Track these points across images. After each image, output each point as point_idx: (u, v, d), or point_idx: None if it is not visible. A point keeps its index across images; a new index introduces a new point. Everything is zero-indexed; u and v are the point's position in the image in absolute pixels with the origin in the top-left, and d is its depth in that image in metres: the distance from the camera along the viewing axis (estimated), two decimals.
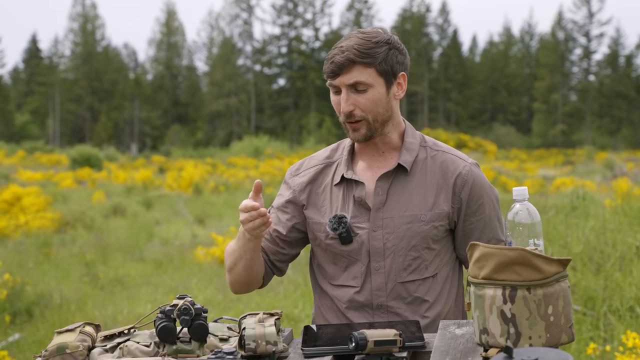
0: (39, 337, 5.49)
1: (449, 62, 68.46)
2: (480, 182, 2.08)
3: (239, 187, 21.04)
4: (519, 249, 1.44)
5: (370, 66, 1.97)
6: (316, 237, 2.11)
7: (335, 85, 2.00)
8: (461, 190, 2.05)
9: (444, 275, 2.10)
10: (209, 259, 8.78)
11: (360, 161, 2.12)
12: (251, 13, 71.50)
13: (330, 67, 1.98)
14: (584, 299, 5.17)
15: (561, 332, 1.45)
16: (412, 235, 2.02)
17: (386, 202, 2.04)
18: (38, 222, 11.55)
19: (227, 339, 1.73)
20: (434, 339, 1.66)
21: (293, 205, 2.14)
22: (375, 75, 1.98)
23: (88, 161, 30.69)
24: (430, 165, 2.07)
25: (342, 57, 1.95)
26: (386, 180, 2.05)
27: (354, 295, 2.05)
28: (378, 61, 1.97)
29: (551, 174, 25.58)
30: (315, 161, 2.19)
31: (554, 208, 8.16)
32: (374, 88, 1.98)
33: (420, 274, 2.04)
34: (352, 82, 1.97)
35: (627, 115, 63.35)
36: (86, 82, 67.82)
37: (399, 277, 2.03)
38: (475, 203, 2.07)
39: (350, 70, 1.96)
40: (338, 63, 1.96)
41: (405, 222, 2.02)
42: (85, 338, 1.65)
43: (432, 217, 2.03)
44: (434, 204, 2.04)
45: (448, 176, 2.06)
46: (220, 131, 66.32)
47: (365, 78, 1.97)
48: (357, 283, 2.05)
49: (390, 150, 2.10)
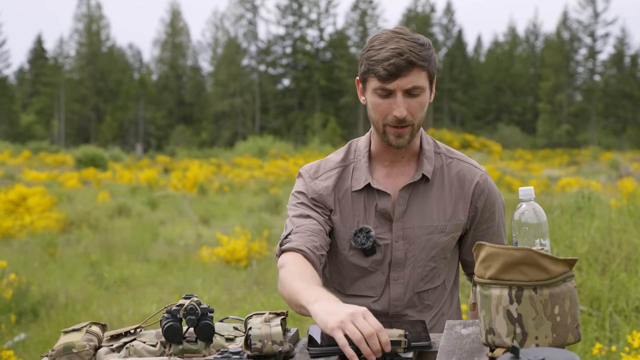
0: (45, 337, 5.50)
1: (454, 62, 68.39)
2: (493, 191, 2.08)
3: (244, 187, 21.05)
4: (525, 249, 1.44)
5: (424, 70, 1.89)
6: (336, 244, 2.05)
7: (389, 89, 1.88)
8: (477, 200, 2.04)
9: (450, 281, 2.12)
10: (214, 259, 8.78)
11: (379, 167, 2.05)
12: (256, 13, 71.55)
13: (388, 69, 1.85)
14: (590, 299, 5.16)
15: (568, 332, 1.45)
16: (432, 246, 2.00)
17: (406, 211, 2.00)
18: (43, 222, 11.57)
19: (233, 339, 1.73)
20: (440, 339, 1.66)
21: (322, 208, 2.04)
22: (426, 79, 1.91)
23: (93, 161, 30.76)
24: (447, 174, 2.05)
25: (403, 60, 1.84)
26: (407, 190, 2.01)
27: (371, 304, 2.02)
28: (430, 64, 1.91)
29: (556, 174, 25.54)
30: (333, 164, 2.09)
31: (559, 208, 8.14)
32: (425, 92, 1.91)
33: (433, 283, 2.05)
34: (410, 87, 1.88)
35: (632, 116, 63.19)
36: (91, 83, 67.97)
37: (416, 287, 2.02)
38: (488, 211, 2.06)
39: (408, 74, 1.86)
40: (399, 66, 1.84)
41: (426, 232, 2.00)
42: (91, 338, 1.66)
43: (452, 228, 2.02)
44: (452, 214, 2.02)
45: (465, 186, 2.04)
46: (225, 131, 66.38)
47: (421, 82, 1.89)
48: (376, 293, 2.03)
49: (409, 157, 2.04)
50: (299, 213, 2.02)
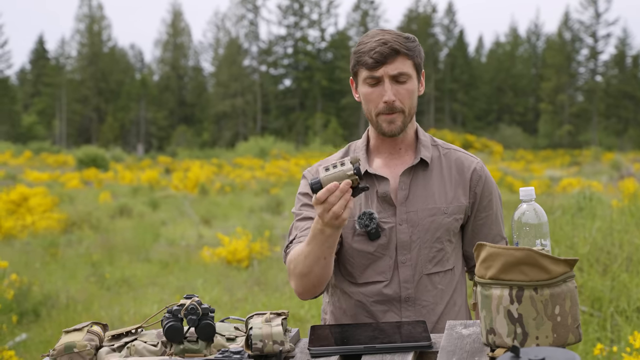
0: (46, 337, 5.51)
1: (455, 62, 68.39)
2: (490, 179, 2.16)
3: (245, 188, 21.06)
4: (526, 249, 1.44)
5: (409, 58, 2.01)
6: (342, 235, 2.09)
7: (376, 76, 2.00)
8: (476, 185, 2.12)
9: (459, 269, 2.15)
10: (215, 260, 8.78)
11: (377, 158, 2.13)
12: (257, 14, 71.59)
13: (374, 57, 1.98)
14: (591, 299, 5.16)
15: (568, 332, 1.45)
16: (437, 227, 2.06)
17: (408, 196, 2.07)
18: (45, 223, 11.58)
19: (234, 339, 1.74)
20: (440, 339, 1.66)
21: None
22: (412, 68, 2.03)
23: (94, 162, 30.78)
24: (445, 162, 2.13)
25: (387, 48, 1.98)
26: (408, 175, 2.08)
27: (382, 289, 2.06)
28: (415, 54, 2.03)
29: (558, 174, 25.53)
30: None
31: (561, 209, 8.13)
32: (412, 80, 2.03)
33: (443, 266, 2.08)
34: (396, 73, 2.00)
35: (634, 116, 63.16)
36: (93, 83, 68.01)
37: (424, 268, 2.06)
38: (486, 198, 2.13)
39: (394, 61, 1.99)
40: (383, 53, 1.98)
41: (429, 214, 2.06)
42: (92, 337, 1.66)
43: (454, 210, 2.08)
44: (453, 197, 2.09)
45: (464, 171, 2.12)
46: (226, 132, 66.40)
47: (406, 69, 2.01)
48: (386, 277, 2.06)
49: (406, 148, 2.13)
50: (302, 216, 2.10)
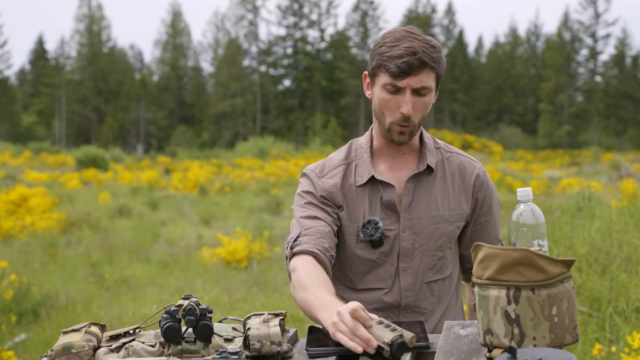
0: (45, 338, 5.51)
1: (455, 62, 68.39)
2: (491, 184, 2.15)
3: (244, 188, 21.06)
4: (523, 250, 1.44)
5: (434, 71, 1.93)
6: (344, 240, 2.06)
7: (399, 86, 1.92)
8: (478, 192, 2.10)
9: (456, 274, 2.15)
10: (215, 260, 8.78)
11: (381, 162, 2.09)
12: (257, 14, 71.60)
13: (400, 66, 1.88)
14: (590, 300, 5.16)
15: (565, 332, 1.45)
16: (439, 235, 2.04)
17: (412, 202, 2.04)
18: (44, 223, 11.58)
19: (232, 339, 1.74)
20: (438, 340, 1.66)
21: (331, 206, 2.05)
22: (433, 80, 1.94)
23: (94, 162, 30.80)
24: (447, 167, 2.10)
25: (416, 59, 1.88)
26: (412, 181, 2.04)
27: (383, 296, 2.04)
28: (440, 66, 1.95)
29: (557, 174, 25.54)
30: (337, 162, 2.11)
31: (560, 209, 8.13)
32: (431, 93, 1.95)
33: (442, 274, 2.08)
34: (419, 87, 1.91)
35: (633, 116, 63.20)
36: (92, 83, 68.01)
37: (425, 277, 2.05)
38: (486, 204, 2.12)
39: (419, 73, 1.90)
40: (412, 64, 1.88)
41: (432, 222, 2.03)
42: (90, 338, 1.66)
43: (457, 218, 2.06)
44: (456, 204, 2.07)
45: (467, 177, 2.09)
46: (226, 132, 66.41)
47: (429, 83, 1.93)
48: (386, 285, 2.04)
49: (410, 152, 2.09)
50: (306, 214, 2.02)
